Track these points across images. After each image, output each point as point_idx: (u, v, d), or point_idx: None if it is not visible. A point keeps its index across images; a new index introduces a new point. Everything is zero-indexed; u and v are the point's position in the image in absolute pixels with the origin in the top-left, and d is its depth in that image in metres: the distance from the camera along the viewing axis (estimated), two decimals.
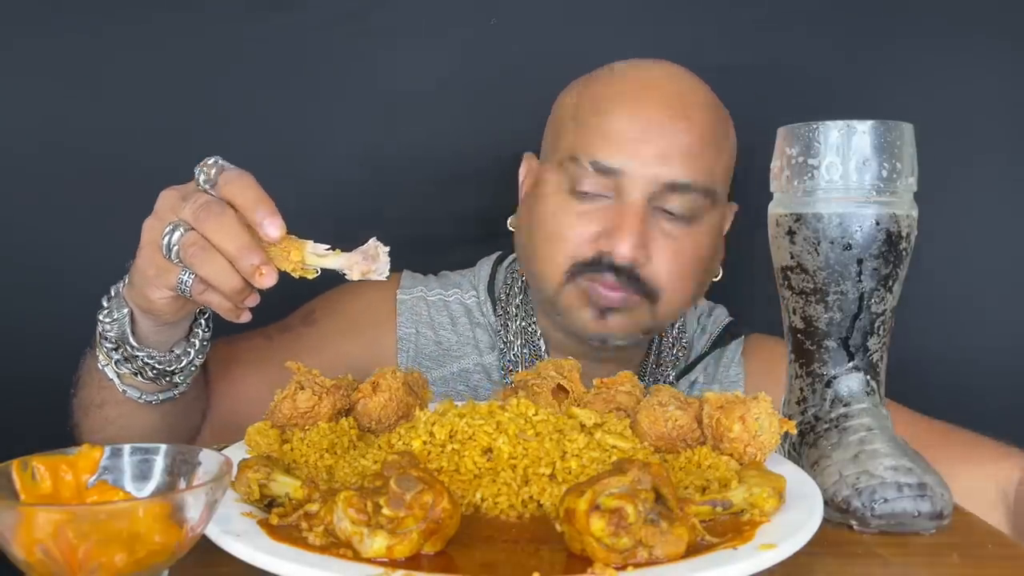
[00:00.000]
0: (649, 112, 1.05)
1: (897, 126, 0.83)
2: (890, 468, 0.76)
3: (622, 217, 1.03)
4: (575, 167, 1.05)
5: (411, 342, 1.16)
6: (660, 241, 1.05)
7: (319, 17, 1.38)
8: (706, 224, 1.08)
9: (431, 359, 1.16)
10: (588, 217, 1.05)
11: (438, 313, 1.18)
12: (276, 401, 0.83)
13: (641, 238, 1.03)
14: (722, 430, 0.78)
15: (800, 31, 1.42)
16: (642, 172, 1.03)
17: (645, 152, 1.03)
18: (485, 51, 1.40)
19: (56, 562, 0.52)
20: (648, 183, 1.03)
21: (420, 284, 1.21)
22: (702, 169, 1.05)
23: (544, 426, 0.76)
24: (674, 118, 1.04)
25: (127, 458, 0.62)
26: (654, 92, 1.06)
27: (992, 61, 1.41)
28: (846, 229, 0.82)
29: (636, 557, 0.59)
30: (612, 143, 1.04)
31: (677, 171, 1.03)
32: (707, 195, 1.06)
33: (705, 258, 1.09)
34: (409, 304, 1.18)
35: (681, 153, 1.03)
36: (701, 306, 1.28)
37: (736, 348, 1.25)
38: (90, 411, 0.96)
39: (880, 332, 0.85)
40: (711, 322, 1.27)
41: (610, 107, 1.06)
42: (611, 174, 1.04)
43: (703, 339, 1.26)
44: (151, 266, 0.79)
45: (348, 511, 0.61)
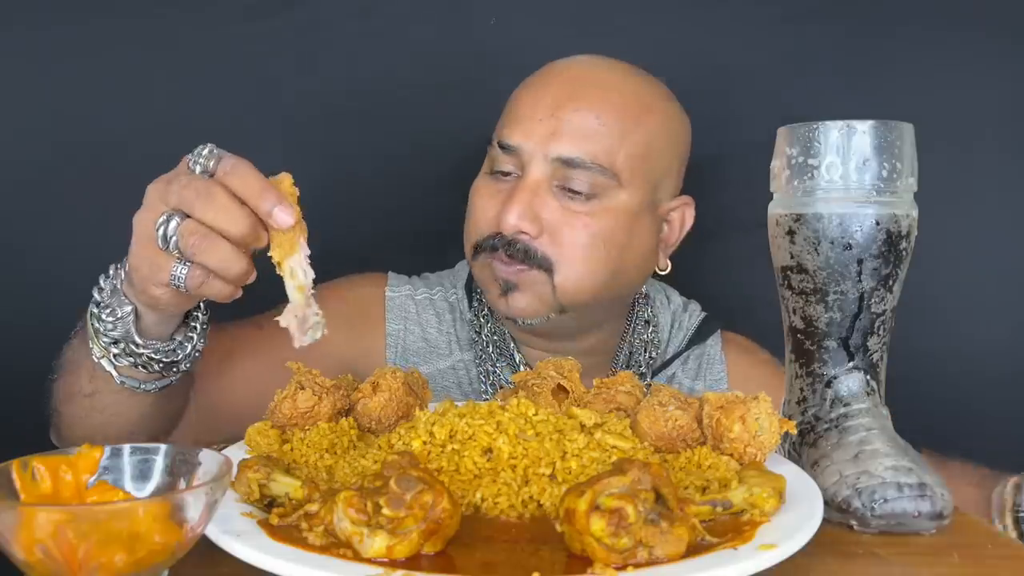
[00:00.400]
0: (547, 93, 1.08)
1: (897, 126, 0.83)
2: (890, 468, 0.76)
3: (513, 191, 1.07)
4: (492, 149, 1.12)
5: (399, 339, 1.17)
6: (558, 214, 1.06)
7: (319, 16, 1.38)
8: (611, 203, 1.07)
9: (418, 355, 1.17)
10: (495, 197, 1.09)
11: (424, 311, 1.20)
12: (276, 401, 0.83)
13: (528, 210, 1.05)
14: (722, 430, 0.78)
15: (800, 31, 1.42)
16: (536, 148, 1.06)
17: (539, 130, 1.06)
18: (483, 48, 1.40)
19: (56, 562, 0.52)
20: (541, 159, 1.06)
21: (406, 284, 1.23)
22: (597, 148, 1.06)
23: (544, 426, 0.76)
24: (569, 98, 1.07)
25: (127, 458, 0.61)
26: (557, 76, 1.11)
27: (992, 61, 1.41)
28: (846, 229, 0.82)
29: (636, 557, 0.59)
30: (513, 123, 1.09)
31: (567, 147, 1.05)
32: (607, 174, 1.06)
33: (614, 238, 1.08)
34: (398, 302, 1.19)
35: (572, 130, 1.06)
36: (676, 301, 1.29)
37: (715, 344, 1.27)
38: (76, 399, 0.93)
39: (880, 332, 0.85)
40: (687, 318, 1.28)
41: (519, 91, 1.13)
42: (512, 152, 1.08)
43: (679, 335, 1.26)
44: (143, 262, 0.76)
45: (348, 511, 0.61)
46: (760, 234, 0.91)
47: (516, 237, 1.06)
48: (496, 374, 1.16)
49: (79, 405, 0.94)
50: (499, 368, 1.16)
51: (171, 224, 0.72)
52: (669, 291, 1.30)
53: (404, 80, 1.40)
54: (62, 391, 0.96)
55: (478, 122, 1.36)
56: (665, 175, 1.14)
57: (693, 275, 1.41)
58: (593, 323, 1.16)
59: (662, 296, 1.28)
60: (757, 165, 0.94)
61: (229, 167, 0.72)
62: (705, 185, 1.38)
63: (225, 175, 0.72)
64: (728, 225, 1.41)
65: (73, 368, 0.93)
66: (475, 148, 1.18)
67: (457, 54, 1.41)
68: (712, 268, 1.44)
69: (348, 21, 1.38)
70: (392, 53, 1.40)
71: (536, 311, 1.08)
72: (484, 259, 1.10)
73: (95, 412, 0.93)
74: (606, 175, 1.06)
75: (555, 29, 1.40)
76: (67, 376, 0.95)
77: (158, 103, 1.36)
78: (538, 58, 1.24)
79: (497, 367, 1.16)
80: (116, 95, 1.36)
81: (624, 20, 1.41)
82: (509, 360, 1.17)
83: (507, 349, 1.17)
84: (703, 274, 1.43)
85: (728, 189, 1.37)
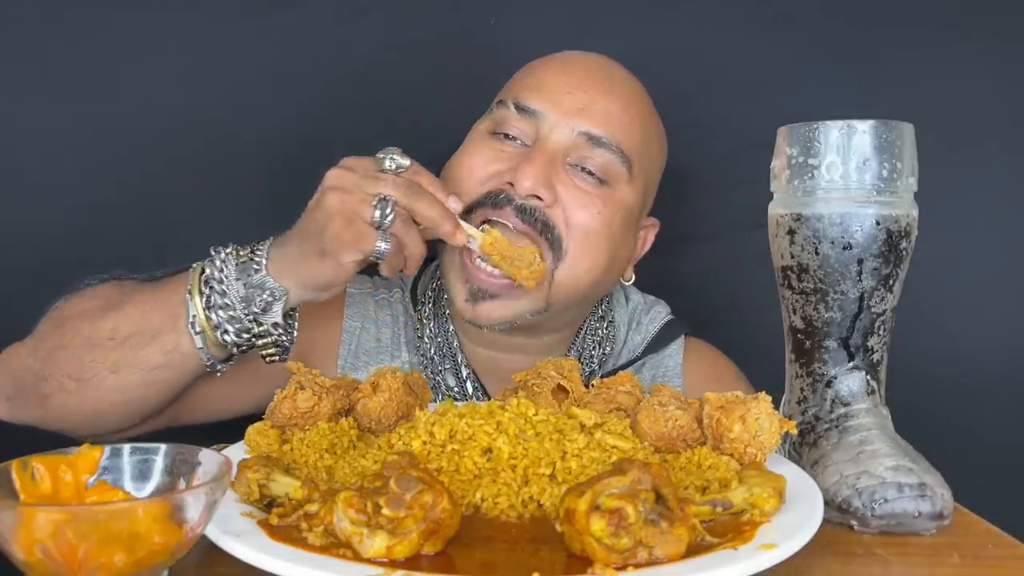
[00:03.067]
0: (577, 72, 1.07)
1: (897, 126, 0.83)
2: (890, 468, 0.76)
3: (531, 154, 1.02)
4: (500, 109, 1.07)
5: (354, 335, 1.16)
6: (573, 192, 1.02)
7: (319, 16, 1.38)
8: (619, 195, 1.05)
9: (369, 354, 1.15)
10: (503, 156, 1.04)
11: (381, 311, 1.18)
12: (276, 401, 0.83)
13: (546, 175, 1.00)
14: (722, 430, 0.78)
15: (800, 31, 1.42)
16: (561, 118, 1.03)
17: (567, 102, 1.04)
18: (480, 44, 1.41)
19: (56, 562, 0.52)
20: (566, 130, 1.03)
21: (368, 283, 1.21)
22: (621, 131, 1.04)
23: (544, 426, 0.76)
24: (600, 80, 1.07)
25: (127, 458, 0.61)
26: (582, 61, 1.10)
27: (992, 61, 1.41)
28: (846, 229, 0.82)
29: (636, 557, 0.59)
30: (537, 89, 1.06)
31: (596, 123, 1.03)
32: (624, 160, 1.04)
33: (616, 232, 1.05)
34: (358, 298, 1.18)
35: (602, 109, 1.04)
36: (635, 300, 1.23)
37: (676, 354, 1.20)
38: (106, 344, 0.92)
39: (881, 332, 0.85)
40: (647, 320, 1.22)
41: (541, 64, 1.11)
42: (532, 116, 1.04)
43: (636, 338, 1.21)
44: (348, 232, 0.86)
45: (348, 511, 0.61)
46: (760, 234, 0.91)
47: (529, 202, 1.01)
48: (442, 376, 1.13)
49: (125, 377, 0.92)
50: (442, 371, 1.13)
51: (388, 207, 0.86)
52: (629, 290, 1.24)
53: (404, 80, 1.40)
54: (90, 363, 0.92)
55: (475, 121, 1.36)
56: (653, 186, 1.14)
57: (692, 275, 1.41)
58: (559, 323, 1.12)
59: (619, 294, 1.23)
60: (757, 165, 0.94)
61: (417, 169, 0.91)
62: (704, 185, 1.38)
63: (416, 174, 0.90)
64: (728, 225, 1.40)
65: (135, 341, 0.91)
66: None
67: (457, 54, 1.41)
68: (713, 269, 1.44)
69: (348, 20, 1.38)
70: (392, 53, 1.40)
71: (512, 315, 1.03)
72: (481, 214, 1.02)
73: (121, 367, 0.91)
74: (623, 162, 1.04)
75: (555, 29, 1.40)
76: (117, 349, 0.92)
77: (158, 102, 1.36)
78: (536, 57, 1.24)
79: (440, 371, 1.13)
80: (116, 95, 1.35)
81: (623, 20, 1.41)
82: (452, 363, 1.13)
83: (451, 351, 1.13)
84: (702, 275, 1.43)
85: (728, 189, 1.37)
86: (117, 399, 0.93)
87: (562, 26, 1.40)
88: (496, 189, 1.02)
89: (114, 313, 0.93)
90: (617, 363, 1.19)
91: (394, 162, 0.89)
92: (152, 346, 0.92)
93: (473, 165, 1.05)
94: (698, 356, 1.22)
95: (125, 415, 0.95)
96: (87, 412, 0.93)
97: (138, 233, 1.09)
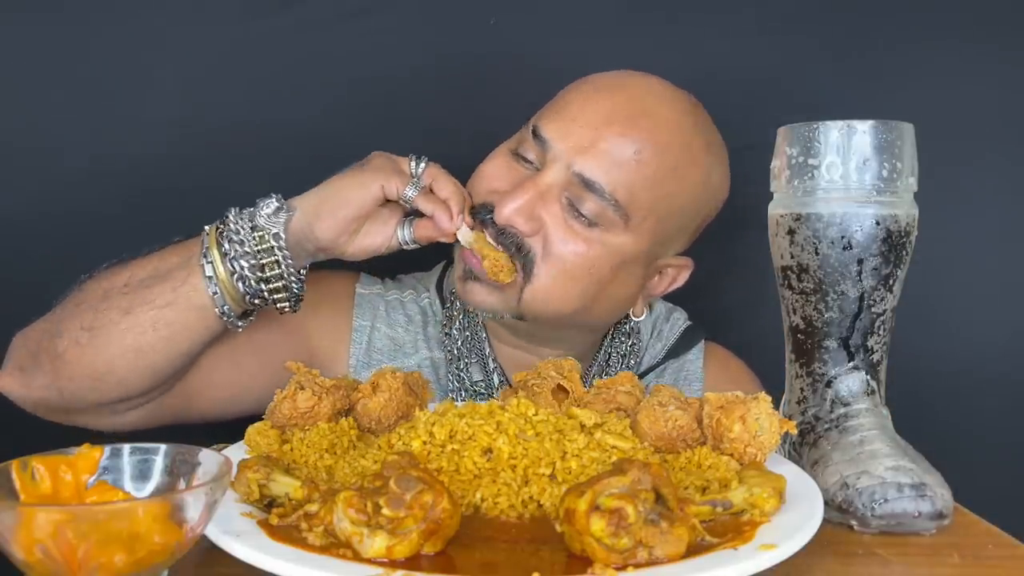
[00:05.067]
0: (599, 104, 1.03)
1: (897, 126, 0.83)
2: (890, 468, 0.76)
3: (525, 184, 1.02)
4: (524, 130, 1.07)
5: (365, 335, 1.16)
6: (558, 225, 1.01)
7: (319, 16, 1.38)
8: (611, 239, 1.02)
9: (382, 353, 1.16)
10: (510, 174, 1.05)
11: (394, 312, 1.19)
12: (276, 401, 0.83)
13: (529, 208, 1.00)
14: (722, 430, 0.78)
15: (800, 31, 1.42)
16: (562, 153, 1.01)
17: (574, 137, 1.01)
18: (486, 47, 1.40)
19: (56, 562, 0.52)
20: (562, 167, 1.01)
21: (378, 284, 1.22)
22: (621, 180, 0.99)
23: (544, 426, 0.76)
24: (620, 119, 1.01)
25: (127, 458, 0.61)
26: (616, 90, 1.04)
27: (992, 61, 1.41)
28: (846, 229, 0.82)
29: (636, 557, 0.59)
30: (556, 117, 1.04)
31: (592, 167, 0.99)
32: (618, 211, 1.00)
33: (598, 273, 1.02)
34: (367, 299, 1.19)
35: (606, 152, 1.00)
36: (657, 310, 1.24)
37: (697, 358, 1.22)
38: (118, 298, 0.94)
39: (880, 332, 0.85)
40: (668, 327, 1.23)
41: (577, 87, 1.07)
42: (540, 144, 1.03)
43: (657, 345, 1.22)
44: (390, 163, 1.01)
45: (348, 511, 0.61)
46: (760, 234, 0.91)
47: (508, 228, 1.01)
48: (467, 371, 1.14)
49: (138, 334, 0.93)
50: (469, 365, 1.14)
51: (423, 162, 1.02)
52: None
53: (404, 80, 1.40)
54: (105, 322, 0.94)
55: (478, 122, 1.36)
56: (678, 234, 1.09)
57: (693, 276, 1.41)
58: (553, 338, 1.12)
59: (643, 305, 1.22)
60: (757, 165, 0.94)
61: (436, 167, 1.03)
62: None
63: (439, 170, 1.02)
64: (728, 225, 1.40)
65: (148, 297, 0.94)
66: (475, 148, 1.17)
67: (457, 54, 1.41)
68: (713, 269, 1.44)
69: (348, 20, 1.38)
70: (392, 53, 1.40)
71: (491, 307, 1.04)
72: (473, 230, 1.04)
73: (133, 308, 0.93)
74: (617, 211, 1.00)
75: (554, 29, 1.40)
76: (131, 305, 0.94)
77: (158, 101, 1.36)
78: (537, 59, 1.25)
79: (467, 363, 1.14)
80: (116, 94, 1.35)
81: (624, 20, 1.41)
82: (479, 356, 1.14)
83: (479, 344, 1.14)
84: (703, 275, 1.43)
85: (728, 189, 1.37)
86: (128, 345, 0.93)
87: (562, 26, 1.40)
88: (485, 201, 1.04)
89: (131, 266, 0.97)
90: (639, 369, 1.20)
91: (416, 162, 1.03)
92: (163, 284, 0.94)
93: (483, 176, 1.08)
94: (717, 360, 1.24)
95: (135, 370, 0.94)
96: (98, 366, 0.93)
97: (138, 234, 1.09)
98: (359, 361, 1.15)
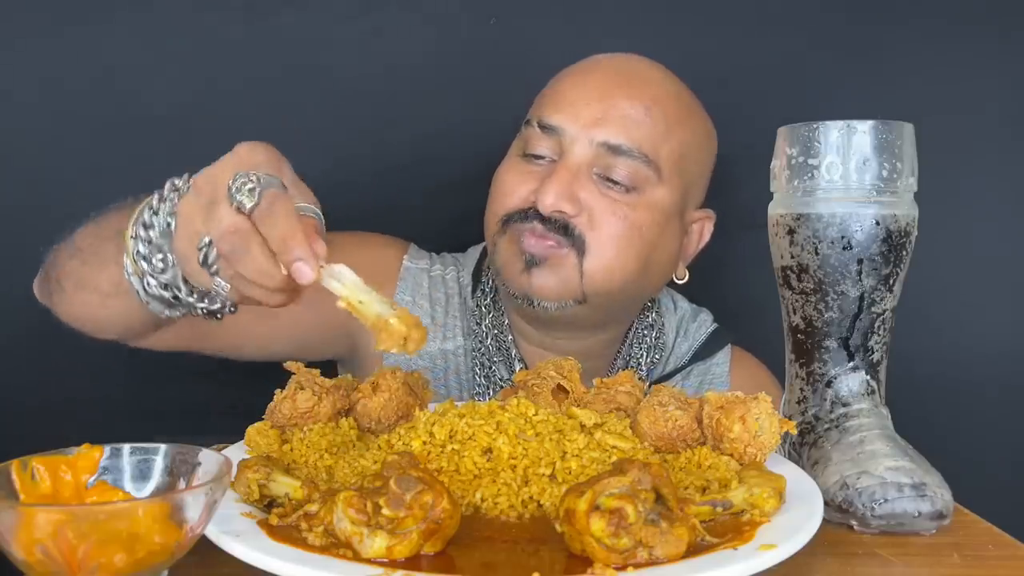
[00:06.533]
0: (595, 80, 1.08)
1: (897, 126, 0.83)
2: (890, 468, 0.76)
3: (553, 171, 1.05)
4: (527, 129, 1.10)
5: None
6: (598, 199, 1.04)
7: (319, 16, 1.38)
8: (649, 198, 1.06)
9: None
10: (531, 176, 1.07)
11: (436, 289, 1.19)
12: (276, 401, 0.83)
13: (568, 189, 1.03)
14: (722, 430, 0.78)
15: (800, 31, 1.42)
16: (580, 132, 1.05)
17: (585, 113, 1.05)
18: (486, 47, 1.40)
19: (56, 562, 0.52)
20: (585, 143, 1.05)
21: (425, 258, 1.22)
22: (643, 137, 1.05)
23: (544, 426, 0.76)
24: (619, 86, 1.07)
25: (127, 458, 0.61)
26: (606, 66, 1.10)
27: (993, 61, 1.41)
28: (846, 229, 0.82)
29: (636, 557, 0.59)
30: (557, 104, 1.07)
31: (614, 133, 1.04)
32: (650, 166, 1.05)
33: (648, 234, 1.06)
34: (413, 272, 1.19)
35: (621, 116, 1.05)
36: (683, 308, 1.26)
37: (724, 362, 1.24)
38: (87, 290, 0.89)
39: (880, 332, 0.85)
40: (695, 328, 1.25)
41: (563, 76, 1.11)
42: (553, 133, 1.06)
43: (684, 346, 1.24)
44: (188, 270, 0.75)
45: (348, 511, 0.61)
46: (760, 234, 0.91)
47: (553, 215, 1.03)
48: (491, 368, 1.15)
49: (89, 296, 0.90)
50: (495, 363, 1.15)
51: (212, 253, 0.72)
52: (676, 297, 1.27)
53: (404, 80, 1.40)
54: (72, 273, 0.91)
55: (478, 122, 1.36)
56: (696, 181, 1.13)
57: (692, 275, 1.41)
58: (604, 320, 1.13)
59: (668, 301, 1.25)
60: (757, 165, 0.94)
61: (266, 208, 0.69)
62: None
63: (261, 219, 0.69)
64: (728, 225, 1.40)
65: (93, 262, 0.88)
66: (475, 148, 1.18)
67: (457, 54, 1.41)
68: (713, 269, 1.44)
69: (347, 20, 1.38)
70: (392, 53, 1.40)
71: (558, 294, 1.05)
72: (514, 230, 1.06)
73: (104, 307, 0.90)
74: (649, 166, 1.05)
75: (554, 29, 1.40)
76: (82, 266, 0.90)
77: (158, 102, 1.36)
78: (537, 58, 1.24)
79: (493, 361, 1.15)
80: (115, 94, 1.36)
81: (624, 20, 1.41)
82: (505, 355, 1.15)
83: (505, 343, 1.15)
84: (704, 275, 1.43)
85: (728, 189, 1.37)
86: (93, 310, 0.91)
87: (562, 26, 1.40)
88: (526, 207, 1.06)
89: (91, 227, 0.90)
90: (664, 370, 1.21)
91: (235, 199, 0.70)
92: (103, 274, 0.87)
93: (504, 187, 1.09)
94: (744, 366, 1.25)
95: (110, 329, 0.94)
96: (79, 317, 0.94)
97: None
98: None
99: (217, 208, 0.71)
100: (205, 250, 0.72)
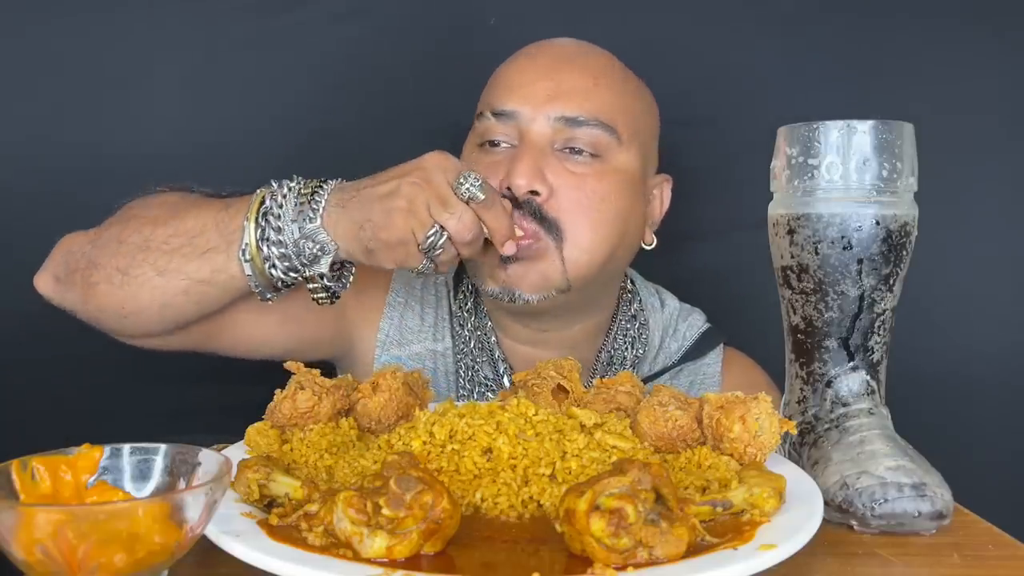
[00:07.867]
0: (541, 61, 1.09)
1: (897, 126, 0.83)
2: (890, 468, 0.76)
3: (518, 153, 1.05)
4: (480, 122, 1.10)
5: (397, 310, 1.17)
6: (564, 177, 1.04)
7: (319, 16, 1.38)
8: (614, 164, 1.07)
9: (412, 332, 1.16)
10: (494, 165, 1.07)
11: (427, 291, 1.19)
12: (276, 401, 0.83)
13: (536, 168, 1.03)
14: (722, 430, 0.78)
15: (799, 31, 1.42)
16: (536, 111, 1.05)
17: (538, 93, 1.06)
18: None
19: (56, 562, 0.52)
20: (543, 121, 1.05)
21: None
22: (598, 106, 1.06)
23: (544, 426, 0.76)
24: (565, 62, 1.09)
25: (127, 458, 0.62)
26: (547, 49, 1.12)
27: (993, 60, 1.41)
28: (846, 229, 0.82)
29: (636, 557, 0.59)
30: (508, 90, 1.08)
31: (570, 106, 1.05)
32: (611, 133, 1.06)
33: (618, 202, 1.06)
34: (406, 274, 1.18)
35: (572, 89, 1.06)
36: (672, 306, 1.24)
37: (715, 361, 1.22)
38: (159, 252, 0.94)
39: (880, 332, 0.85)
40: (685, 327, 1.23)
41: (507, 65, 1.13)
42: (509, 118, 1.07)
43: (673, 345, 1.22)
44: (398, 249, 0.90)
45: (348, 511, 0.61)
46: (760, 234, 0.91)
47: (527, 197, 1.03)
48: (475, 369, 1.14)
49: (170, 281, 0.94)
50: (479, 363, 1.14)
51: (442, 239, 0.90)
52: (664, 294, 1.25)
53: (404, 80, 1.41)
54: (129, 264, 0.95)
55: None
56: (651, 144, 1.14)
57: (693, 276, 1.41)
58: (586, 303, 1.12)
59: (654, 299, 1.23)
60: (757, 165, 0.94)
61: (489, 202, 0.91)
62: (705, 185, 1.38)
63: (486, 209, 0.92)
64: (728, 225, 1.40)
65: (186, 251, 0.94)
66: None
67: (457, 54, 1.41)
68: (712, 269, 1.44)
69: (348, 20, 1.39)
70: (392, 53, 1.40)
71: (540, 286, 1.04)
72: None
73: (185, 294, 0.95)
74: (608, 132, 1.06)
75: (553, 30, 1.40)
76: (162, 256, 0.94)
77: (158, 102, 1.36)
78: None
79: (477, 362, 1.14)
80: (115, 95, 1.36)
81: (623, 20, 1.41)
82: (489, 356, 1.15)
83: (488, 344, 1.15)
84: (703, 275, 1.43)
85: (728, 189, 1.37)
86: (157, 300, 0.95)
87: (561, 27, 1.40)
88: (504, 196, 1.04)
89: (175, 222, 0.96)
90: (653, 369, 1.20)
91: (468, 192, 0.90)
92: (202, 261, 0.94)
93: None
94: (736, 366, 1.24)
95: (160, 320, 0.97)
96: (126, 308, 0.96)
97: None
98: (388, 338, 1.15)
99: (450, 202, 0.90)
100: (435, 237, 0.90)
